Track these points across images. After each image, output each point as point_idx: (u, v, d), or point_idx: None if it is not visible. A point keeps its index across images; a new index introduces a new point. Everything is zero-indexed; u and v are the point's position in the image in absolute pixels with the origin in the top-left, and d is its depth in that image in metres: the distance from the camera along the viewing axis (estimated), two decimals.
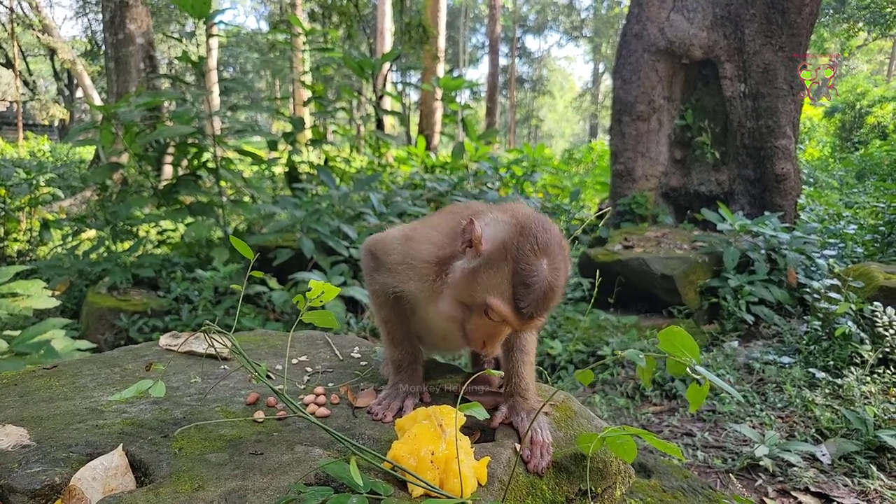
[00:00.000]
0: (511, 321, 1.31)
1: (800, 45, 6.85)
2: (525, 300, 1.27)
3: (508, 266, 1.29)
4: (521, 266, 1.28)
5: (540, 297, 1.27)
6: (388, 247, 1.59)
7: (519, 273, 1.27)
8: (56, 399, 1.56)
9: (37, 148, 17.74)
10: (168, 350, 1.92)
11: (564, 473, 1.43)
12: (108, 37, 9.47)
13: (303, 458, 1.26)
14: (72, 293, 6.00)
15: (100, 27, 23.09)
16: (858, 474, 3.00)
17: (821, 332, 4.47)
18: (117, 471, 1.23)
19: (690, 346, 1.02)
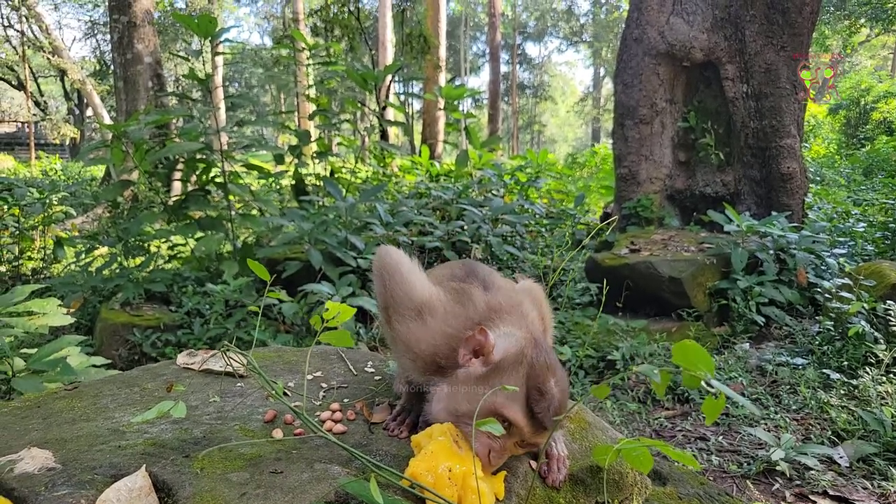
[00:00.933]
0: (523, 430, 1.29)
1: (801, 44, 6.85)
2: (538, 406, 1.27)
3: (524, 372, 1.29)
4: (537, 372, 1.29)
5: (552, 403, 1.28)
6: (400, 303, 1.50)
7: (534, 378, 1.28)
8: (78, 420, 1.59)
9: (49, 167, 17.93)
10: (186, 368, 1.95)
11: (581, 486, 1.44)
12: (117, 57, 9.59)
13: (322, 476, 1.28)
14: (85, 310, 6.05)
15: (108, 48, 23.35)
16: (878, 476, 2.98)
17: (833, 333, 4.44)
18: (141, 491, 1.25)
19: (705, 360, 1.03)
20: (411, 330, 1.44)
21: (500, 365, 1.31)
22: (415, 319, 1.45)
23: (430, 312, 1.45)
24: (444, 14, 18.05)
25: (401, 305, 1.47)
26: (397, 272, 1.50)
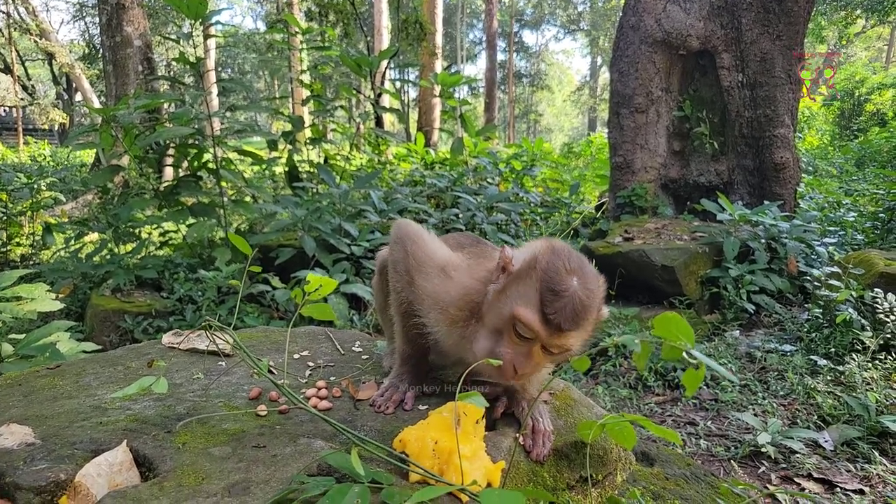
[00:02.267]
0: (538, 331, 1.30)
1: (797, 33, 6.84)
2: (552, 307, 1.27)
3: (537, 275, 1.31)
4: (550, 275, 1.30)
5: (568, 305, 1.27)
6: (424, 263, 1.56)
7: (546, 281, 1.29)
8: (60, 398, 1.58)
9: (37, 152, 17.77)
10: (171, 348, 1.94)
11: (565, 461, 1.44)
12: (106, 40, 9.47)
13: (305, 450, 1.27)
14: (76, 296, 6.02)
15: (97, 30, 23.09)
16: (861, 460, 3.01)
17: (822, 320, 4.47)
18: (122, 466, 1.24)
19: (686, 331, 1.03)
20: (437, 285, 1.50)
21: (516, 273, 1.36)
22: (440, 276, 1.51)
23: (454, 268, 1.53)
24: (441, 0, 17.91)
25: (425, 265, 1.53)
26: (420, 238, 1.58)
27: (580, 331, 1.32)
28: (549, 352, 1.34)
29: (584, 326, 1.32)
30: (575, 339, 1.33)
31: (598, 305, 1.37)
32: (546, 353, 1.35)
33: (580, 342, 1.35)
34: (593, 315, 1.34)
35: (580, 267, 1.35)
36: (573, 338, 1.32)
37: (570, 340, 1.32)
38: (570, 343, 1.33)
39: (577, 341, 1.34)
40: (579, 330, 1.32)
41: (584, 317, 1.31)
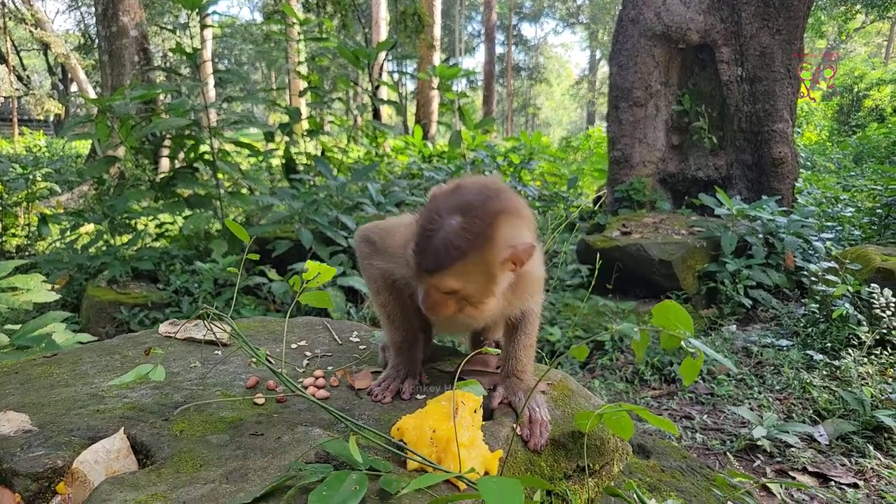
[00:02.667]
0: (416, 273, 1.33)
1: (797, 28, 6.83)
2: (418, 248, 1.29)
3: (419, 221, 1.33)
4: (427, 214, 1.32)
5: (431, 246, 1.27)
6: (387, 232, 1.62)
7: (422, 220, 1.32)
8: (57, 386, 1.58)
9: (32, 143, 17.67)
10: (168, 337, 1.93)
11: (562, 450, 1.44)
12: (102, 30, 9.40)
13: (303, 439, 1.27)
14: (71, 287, 6.00)
15: (93, 20, 22.90)
16: (856, 454, 3.03)
17: (818, 315, 4.49)
18: (119, 453, 1.24)
19: (684, 320, 1.02)
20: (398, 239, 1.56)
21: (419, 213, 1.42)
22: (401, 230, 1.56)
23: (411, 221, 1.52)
24: None
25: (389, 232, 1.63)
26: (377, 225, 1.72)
27: (452, 273, 1.29)
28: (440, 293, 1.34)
29: (460, 269, 1.28)
30: (452, 281, 1.30)
31: (479, 248, 1.28)
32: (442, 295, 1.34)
33: (463, 283, 1.31)
34: (464, 256, 1.27)
35: (463, 205, 1.30)
36: (451, 280, 1.30)
37: (448, 282, 1.30)
38: (451, 285, 1.30)
39: (456, 282, 1.30)
40: (455, 273, 1.29)
41: (454, 258, 1.26)
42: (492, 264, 1.31)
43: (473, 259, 1.28)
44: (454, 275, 1.29)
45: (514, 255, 1.31)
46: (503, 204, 1.33)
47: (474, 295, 1.35)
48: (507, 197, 1.36)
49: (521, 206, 1.39)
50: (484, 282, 1.33)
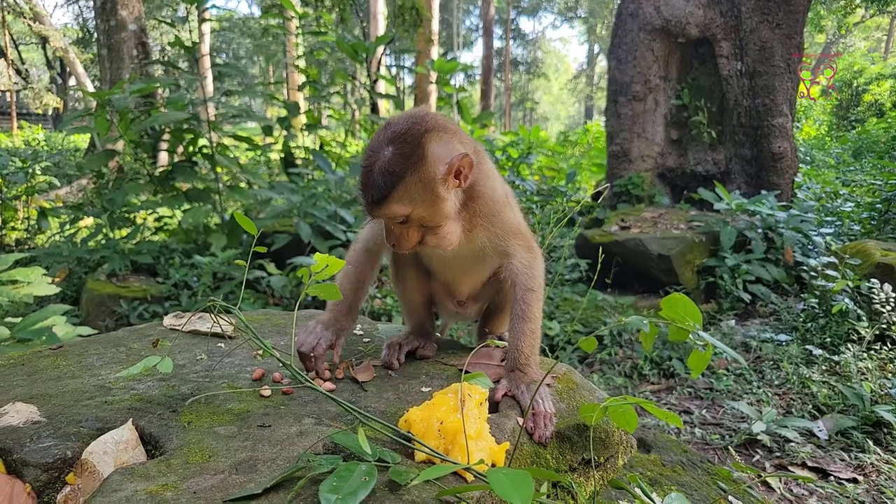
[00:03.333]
0: (364, 206, 1.41)
1: (797, 22, 6.83)
2: (360, 182, 1.40)
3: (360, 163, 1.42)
4: (366, 150, 1.42)
5: (369, 178, 1.37)
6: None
7: (362, 160, 1.41)
8: (64, 378, 1.58)
9: (31, 137, 17.62)
10: (172, 329, 1.94)
11: (568, 443, 1.45)
12: (100, 24, 9.36)
13: (310, 430, 1.28)
14: (71, 280, 6.00)
15: (91, 14, 22.82)
16: (855, 449, 3.04)
17: (818, 310, 4.51)
18: (128, 444, 1.25)
19: (693, 313, 1.03)
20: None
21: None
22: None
23: None
24: None
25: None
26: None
27: (395, 199, 1.37)
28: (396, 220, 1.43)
29: (395, 194, 1.36)
30: (398, 206, 1.39)
31: (409, 169, 1.36)
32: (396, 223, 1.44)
33: (407, 206, 1.39)
34: (402, 179, 1.35)
35: (394, 137, 1.37)
36: (394, 206, 1.38)
37: (395, 209, 1.39)
38: (399, 211, 1.39)
39: (402, 207, 1.39)
40: (392, 198, 1.37)
41: (393, 184, 1.35)
42: (432, 181, 1.39)
43: (412, 180, 1.37)
44: (398, 200, 1.37)
45: (452, 167, 1.40)
46: (429, 124, 1.41)
47: (427, 217, 1.43)
48: (432, 118, 1.44)
49: (449, 123, 1.47)
50: (431, 201, 1.41)
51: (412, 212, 1.40)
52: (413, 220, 1.43)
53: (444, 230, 1.48)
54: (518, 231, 1.63)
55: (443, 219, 1.46)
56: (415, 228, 1.45)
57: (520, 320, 1.59)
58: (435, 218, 1.45)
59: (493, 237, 1.59)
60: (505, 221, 1.60)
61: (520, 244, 1.62)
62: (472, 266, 1.74)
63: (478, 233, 1.57)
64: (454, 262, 1.73)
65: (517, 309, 1.60)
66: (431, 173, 1.39)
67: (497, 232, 1.59)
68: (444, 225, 1.47)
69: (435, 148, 1.39)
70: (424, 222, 1.45)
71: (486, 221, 1.57)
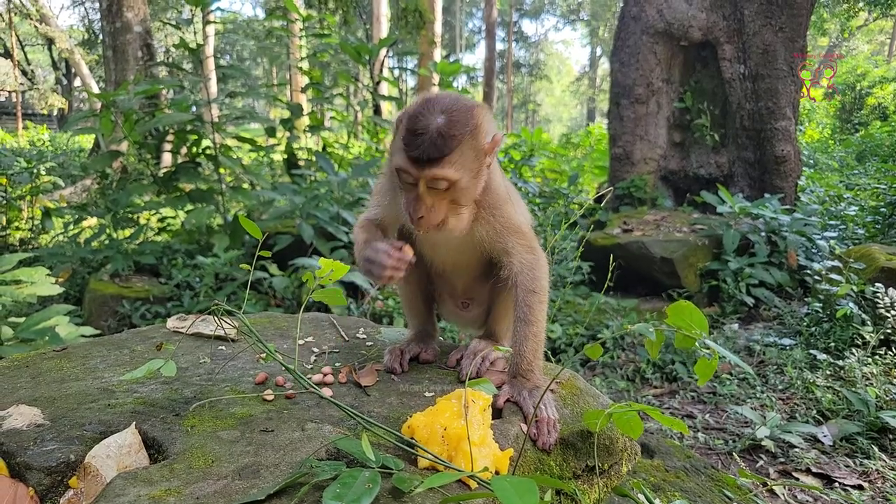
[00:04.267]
0: (410, 170, 1.41)
1: (800, 25, 6.82)
2: (412, 145, 1.39)
3: (403, 125, 1.45)
4: (410, 119, 1.42)
5: (426, 139, 1.38)
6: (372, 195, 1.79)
7: (407, 124, 1.42)
8: (67, 380, 1.58)
9: (36, 137, 17.68)
10: (176, 332, 1.93)
11: (571, 450, 1.44)
12: (106, 25, 9.40)
13: (314, 435, 1.27)
14: (74, 280, 6.01)
15: (97, 16, 22.91)
16: (860, 455, 3.03)
17: (822, 314, 4.48)
18: (131, 448, 1.24)
19: (699, 321, 1.03)
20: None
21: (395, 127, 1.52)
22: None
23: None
24: None
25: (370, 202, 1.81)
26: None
27: (449, 162, 1.40)
28: (435, 189, 1.43)
29: (451, 157, 1.40)
30: (450, 170, 1.41)
31: (467, 133, 1.41)
32: (434, 193, 1.43)
33: (458, 171, 1.42)
34: (461, 142, 1.40)
35: (446, 106, 1.43)
36: (447, 168, 1.40)
37: (444, 171, 1.40)
38: (447, 173, 1.40)
39: (454, 171, 1.41)
40: (448, 161, 1.40)
41: (447, 145, 1.38)
42: (480, 152, 1.45)
43: (468, 146, 1.42)
44: (452, 164, 1.41)
45: (496, 142, 1.48)
46: (474, 101, 1.51)
47: (466, 190, 1.46)
48: (472, 98, 1.53)
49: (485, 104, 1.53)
50: (475, 172, 1.46)
51: (460, 179, 1.42)
52: (454, 191, 1.45)
53: (466, 211, 1.50)
54: (519, 230, 1.62)
55: (473, 196, 1.50)
56: (447, 203, 1.46)
57: (522, 323, 1.57)
58: (471, 192, 1.48)
59: (493, 232, 1.59)
60: (506, 217, 1.60)
61: (521, 243, 1.61)
62: (468, 261, 1.73)
63: (478, 225, 1.58)
64: (451, 254, 1.72)
65: (519, 312, 1.58)
66: (481, 144, 1.45)
67: (496, 227, 1.59)
68: (468, 205, 1.50)
69: (484, 122, 1.46)
70: (460, 196, 1.47)
71: (487, 213, 1.57)
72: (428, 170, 1.40)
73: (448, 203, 1.47)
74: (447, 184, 1.42)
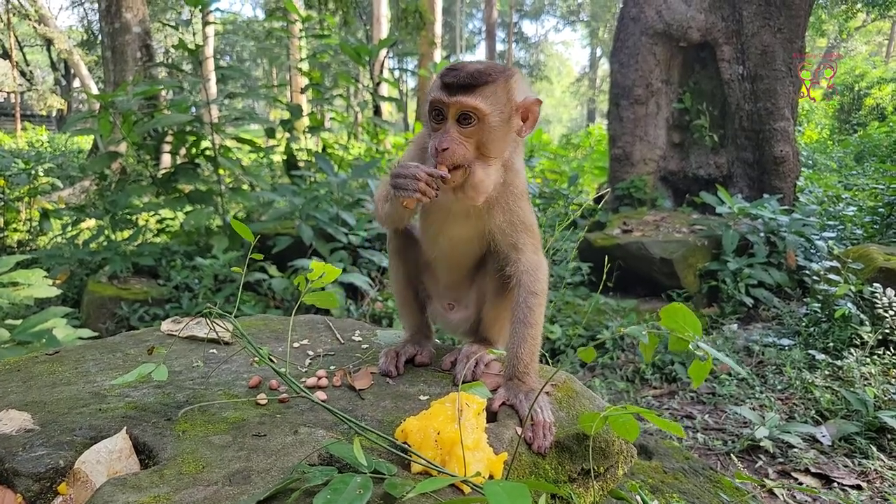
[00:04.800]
0: (442, 98, 1.45)
1: (798, 26, 6.81)
2: (448, 75, 1.47)
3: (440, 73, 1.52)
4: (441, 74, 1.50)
5: (461, 71, 1.46)
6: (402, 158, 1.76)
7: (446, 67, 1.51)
8: (59, 384, 1.57)
9: (35, 138, 17.67)
10: (170, 335, 1.92)
11: (567, 453, 1.43)
12: (105, 26, 9.39)
13: (306, 440, 1.26)
14: (72, 282, 6.00)
15: (96, 16, 22.90)
16: (859, 455, 3.02)
17: (820, 314, 4.48)
18: (121, 454, 1.23)
19: (693, 323, 1.02)
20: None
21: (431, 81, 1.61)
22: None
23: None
24: None
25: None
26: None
27: (481, 94, 1.45)
28: (464, 123, 1.46)
29: (484, 90, 1.45)
30: (478, 101, 1.44)
31: (501, 76, 1.48)
32: (462, 127, 1.46)
33: (488, 106, 1.45)
34: (494, 81, 1.46)
35: (484, 62, 1.53)
36: (475, 99, 1.44)
37: (473, 101, 1.44)
38: (477, 103, 1.44)
39: (481, 103, 1.44)
40: (479, 92, 1.45)
41: (479, 79, 1.45)
42: (511, 101, 1.49)
43: (500, 86, 1.47)
44: (484, 95, 1.45)
45: (527, 102, 1.51)
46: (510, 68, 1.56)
47: (492, 134, 1.47)
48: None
49: None
50: (503, 117, 1.48)
51: (489, 114, 1.45)
52: (481, 128, 1.46)
53: (490, 170, 1.50)
54: (532, 228, 1.64)
55: (500, 149, 1.51)
56: (473, 142, 1.47)
57: (521, 325, 1.56)
58: (497, 140, 1.49)
59: (508, 223, 1.59)
60: (524, 211, 1.62)
61: (531, 242, 1.63)
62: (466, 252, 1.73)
63: (496, 211, 1.58)
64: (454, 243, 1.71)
65: (519, 312, 1.57)
66: (513, 94, 1.49)
67: (513, 219, 1.59)
68: (494, 161, 1.51)
69: (520, 81, 1.53)
70: (488, 139, 1.48)
71: (506, 201, 1.58)
72: (461, 96, 1.44)
73: (474, 145, 1.48)
74: (476, 119, 1.45)
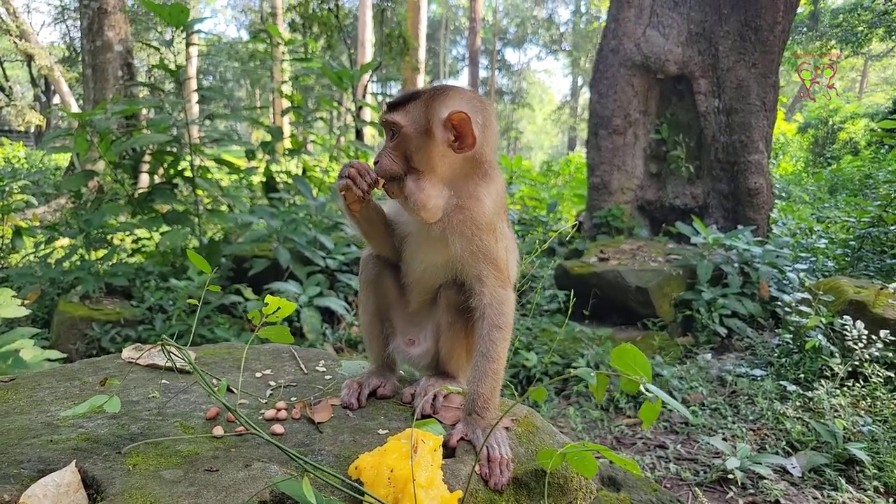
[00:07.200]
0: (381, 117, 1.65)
1: (772, 62, 7.00)
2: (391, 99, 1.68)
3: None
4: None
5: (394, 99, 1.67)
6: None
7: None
8: (12, 413, 1.53)
9: (11, 154, 17.44)
10: (130, 363, 1.89)
11: (525, 490, 1.42)
12: (86, 43, 9.35)
13: (259, 475, 1.24)
14: (43, 302, 5.87)
15: (78, 34, 22.83)
16: (828, 487, 3.04)
17: (792, 346, 4.53)
18: (69, 488, 1.20)
19: (642, 364, 1.02)
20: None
21: None
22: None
23: None
24: (425, 16, 18.06)
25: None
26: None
27: (403, 110, 1.62)
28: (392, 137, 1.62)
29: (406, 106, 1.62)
30: (397, 116, 1.61)
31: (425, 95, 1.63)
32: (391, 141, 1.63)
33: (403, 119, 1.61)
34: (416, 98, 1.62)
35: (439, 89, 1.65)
36: (395, 114, 1.61)
37: (393, 116, 1.61)
38: (393, 118, 1.61)
39: (398, 117, 1.61)
40: (401, 108, 1.62)
41: (406, 98, 1.63)
42: (434, 118, 1.59)
43: (422, 102, 1.61)
44: (403, 113, 1.61)
45: (451, 116, 1.57)
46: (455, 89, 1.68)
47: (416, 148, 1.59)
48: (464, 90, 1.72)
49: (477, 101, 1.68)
50: (424, 132, 1.59)
51: (404, 126, 1.59)
52: (403, 141, 1.60)
53: (423, 183, 1.59)
54: (496, 262, 1.62)
55: (427, 163, 1.60)
56: (400, 155, 1.61)
57: (483, 359, 1.55)
58: (419, 152, 1.60)
59: (469, 253, 1.60)
60: (485, 242, 1.61)
61: (495, 275, 1.61)
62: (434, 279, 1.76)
63: (455, 237, 1.60)
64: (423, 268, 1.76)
65: (482, 346, 1.57)
66: (436, 109, 1.59)
67: (473, 249, 1.60)
68: (425, 174, 1.60)
69: (447, 99, 1.62)
70: (410, 152, 1.60)
71: (466, 229, 1.59)
72: (387, 113, 1.64)
73: (402, 157, 1.61)
74: (397, 132, 1.61)
